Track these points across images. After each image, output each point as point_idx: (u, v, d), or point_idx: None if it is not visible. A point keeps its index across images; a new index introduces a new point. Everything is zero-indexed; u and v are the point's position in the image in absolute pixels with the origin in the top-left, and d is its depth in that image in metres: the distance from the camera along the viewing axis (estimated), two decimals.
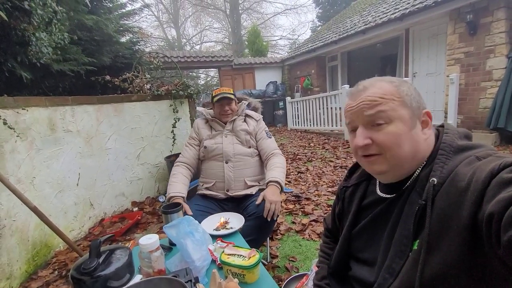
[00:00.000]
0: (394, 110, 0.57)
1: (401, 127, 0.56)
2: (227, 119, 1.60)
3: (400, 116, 0.57)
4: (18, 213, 1.66)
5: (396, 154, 0.57)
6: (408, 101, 0.58)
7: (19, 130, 1.73)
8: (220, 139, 1.57)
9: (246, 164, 1.56)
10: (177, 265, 0.87)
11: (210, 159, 1.58)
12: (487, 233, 0.41)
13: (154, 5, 16.80)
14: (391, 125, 0.57)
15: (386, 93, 0.58)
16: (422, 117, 0.59)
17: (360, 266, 0.68)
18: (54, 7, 2.01)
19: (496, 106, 3.78)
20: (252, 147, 1.60)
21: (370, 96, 0.58)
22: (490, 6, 3.81)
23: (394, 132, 0.56)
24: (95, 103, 2.35)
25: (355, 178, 0.76)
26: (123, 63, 3.40)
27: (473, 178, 0.46)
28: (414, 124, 0.57)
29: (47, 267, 1.78)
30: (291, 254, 1.75)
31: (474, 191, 0.45)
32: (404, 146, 0.57)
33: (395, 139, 0.56)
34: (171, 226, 0.90)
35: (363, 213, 0.70)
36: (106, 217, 2.43)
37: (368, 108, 0.58)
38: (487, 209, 0.41)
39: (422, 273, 0.49)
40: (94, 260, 0.79)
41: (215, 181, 1.54)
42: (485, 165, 0.47)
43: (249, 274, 0.80)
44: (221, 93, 1.57)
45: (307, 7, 21.09)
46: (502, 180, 0.42)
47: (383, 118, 0.57)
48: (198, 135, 1.64)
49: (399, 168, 0.59)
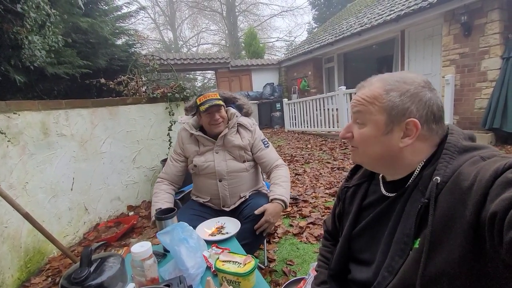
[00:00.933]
0: (370, 114, 0.60)
1: (372, 131, 0.61)
2: (219, 128, 1.41)
3: (375, 121, 0.60)
4: (10, 219, 1.63)
5: (365, 152, 0.64)
6: (389, 107, 0.58)
7: (11, 135, 1.70)
8: (211, 157, 1.42)
9: (242, 180, 1.45)
10: (171, 273, 0.85)
11: (202, 176, 1.45)
12: (489, 233, 0.41)
13: (151, 8, 16.83)
14: (365, 127, 0.62)
15: (370, 96, 0.61)
16: (406, 125, 0.57)
17: (359, 268, 0.68)
18: (48, 10, 1.99)
19: (491, 106, 3.80)
20: (247, 161, 1.47)
21: (359, 96, 0.63)
22: (484, 8, 3.84)
23: (364, 133, 0.62)
24: (89, 107, 2.32)
25: (357, 179, 0.76)
26: (119, 65, 3.38)
27: (477, 177, 0.46)
28: (388, 130, 0.59)
29: (40, 274, 1.74)
30: (289, 257, 1.73)
31: (478, 190, 0.45)
32: (372, 147, 0.62)
33: (364, 140, 0.62)
34: (164, 232, 0.88)
35: (363, 213, 0.70)
36: (101, 222, 2.40)
37: (355, 106, 0.64)
38: (490, 209, 0.41)
39: (423, 272, 0.49)
40: (85, 269, 0.77)
41: (210, 197, 1.46)
42: (489, 165, 0.47)
43: (244, 281, 0.79)
44: (208, 100, 1.36)
45: (303, 9, 21.24)
46: (506, 180, 0.42)
47: (360, 119, 0.63)
48: (183, 151, 1.49)
49: (372, 164, 0.66)
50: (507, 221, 0.38)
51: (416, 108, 0.57)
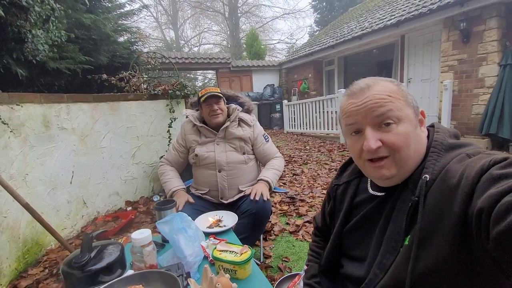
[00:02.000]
0: (401, 110, 0.56)
1: (409, 127, 0.56)
2: (217, 119, 1.48)
3: (407, 116, 0.56)
4: (9, 210, 1.64)
5: (405, 155, 0.56)
6: (411, 100, 0.58)
7: (13, 126, 1.71)
8: (212, 147, 1.49)
9: (240, 172, 1.51)
10: (169, 261, 0.87)
11: (202, 166, 1.51)
12: (476, 229, 0.42)
13: (153, 6, 16.87)
14: (400, 125, 0.55)
15: (392, 91, 0.56)
16: (419, 116, 0.60)
17: (351, 264, 0.69)
18: (52, 4, 2.01)
19: (488, 112, 3.85)
20: (247, 153, 1.54)
21: (378, 94, 0.56)
22: (483, 15, 3.90)
23: (404, 132, 0.55)
24: (90, 101, 2.34)
25: (347, 176, 0.76)
26: (121, 62, 3.40)
27: (464, 174, 0.47)
28: (417, 123, 0.58)
29: (37, 265, 1.75)
30: (284, 254, 1.75)
31: (465, 187, 0.45)
32: (412, 145, 0.56)
33: (405, 139, 0.55)
34: (164, 222, 0.90)
35: (354, 210, 0.70)
36: (99, 216, 2.41)
37: (378, 107, 0.55)
38: (477, 205, 0.42)
39: (413, 268, 0.49)
40: (85, 255, 0.79)
41: (209, 189, 1.51)
42: (475, 162, 0.48)
43: (241, 270, 0.81)
44: (208, 92, 1.46)
45: (305, 12, 21.33)
46: (492, 176, 0.43)
47: (393, 118, 0.55)
48: (184, 141, 1.56)
49: (404, 171, 0.57)
50: (493, 217, 0.39)
51: (415, 100, 0.60)
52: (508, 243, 0.37)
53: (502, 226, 0.37)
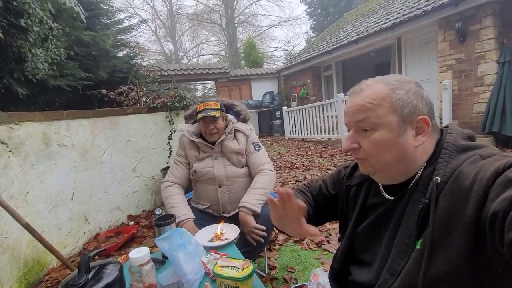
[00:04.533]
0: (380, 117, 0.56)
1: (386, 135, 0.56)
2: (213, 138, 1.44)
3: (387, 123, 0.56)
4: (10, 230, 1.63)
5: (380, 160, 0.58)
6: (399, 107, 0.56)
7: (13, 145, 1.72)
8: (210, 162, 1.45)
9: (241, 185, 1.46)
10: (169, 279, 0.85)
11: (202, 181, 1.46)
12: (490, 232, 0.41)
13: (151, 20, 17.23)
14: (377, 132, 0.57)
15: (377, 98, 0.57)
16: (416, 123, 0.57)
17: (360, 270, 0.67)
18: (50, 24, 2.05)
19: (490, 110, 3.82)
20: (245, 165, 1.50)
21: (360, 101, 0.59)
22: (477, 14, 3.92)
23: (378, 139, 0.57)
24: (90, 117, 2.35)
25: (358, 177, 0.74)
26: (120, 77, 3.45)
27: (478, 176, 0.46)
28: (403, 131, 0.56)
29: (39, 285, 1.73)
30: (290, 264, 1.71)
31: (478, 189, 0.44)
32: (388, 153, 0.57)
33: (379, 147, 0.57)
34: (163, 238, 0.88)
35: (366, 213, 0.69)
36: (101, 232, 2.39)
37: (358, 113, 0.59)
38: (491, 208, 0.41)
39: (425, 273, 0.48)
40: (83, 276, 0.77)
41: (210, 204, 1.47)
42: (489, 164, 0.47)
43: (243, 286, 0.78)
44: (205, 110, 1.40)
45: (301, 19, 21.54)
46: (507, 179, 0.42)
47: (369, 125, 0.57)
48: (185, 154, 1.51)
49: (385, 172, 0.60)
50: (508, 221, 0.37)
51: (422, 105, 0.57)
52: None
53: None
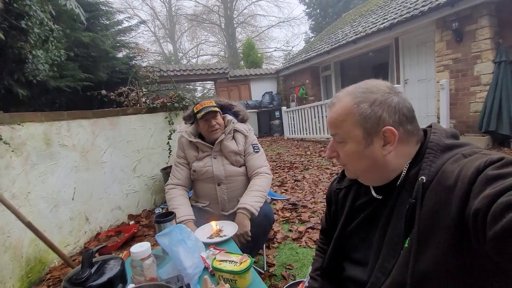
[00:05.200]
0: (346, 132, 0.61)
1: (354, 147, 0.61)
2: (217, 135, 1.46)
3: (353, 137, 0.60)
4: (12, 229, 1.65)
5: (355, 168, 0.64)
6: (362, 120, 0.58)
7: (14, 146, 1.74)
8: (209, 161, 1.47)
9: (239, 184, 1.49)
10: (169, 273, 0.87)
11: (201, 180, 1.49)
12: (473, 229, 0.42)
13: (151, 21, 17.27)
14: (347, 144, 0.62)
15: (342, 113, 0.61)
16: (383, 133, 0.58)
17: (353, 266, 0.69)
18: (51, 25, 2.07)
19: (487, 109, 3.86)
20: (244, 165, 1.52)
21: (331, 117, 0.64)
22: (474, 14, 3.96)
23: (349, 151, 0.62)
24: (90, 117, 2.38)
25: (348, 180, 0.76)
26: (120, 78, 3.47)
27: (460, 175, 0.47)
28: (369, 142, 0.59)
29: (41, 284, 1.75)
30: (288, 262, 1.74)
31: (461, 188, 0.45)
32: (359, 163, 0.62)
33: (350, 157, 0.63)
34: (163, 234, 0.91)
35: (355, 214, 0.71)
36: (102, 231, 2.41)
37: (330, 127, 0.65)
38: (473, 206, 0.42)
39: (413, 271, 0.50)
40: (86, 271, 0.79)
41: (209, 202, 1.50)
42: (471, 162, 0.48)
43: (241, 279, 0.81)
44: (204, 108, 1.43)
45: (300, 20, 21.67)
46: (487, 176, 0.43)
47: (340, 138, 0.63)
48: (185, 154, 1.54)
49: (365, 177, 0.65)
50: (489, 217, 0.38)
51: (388, 115, 0.57)
52: (504, 244, 0.37)
53: (498, 227, 0.37)
